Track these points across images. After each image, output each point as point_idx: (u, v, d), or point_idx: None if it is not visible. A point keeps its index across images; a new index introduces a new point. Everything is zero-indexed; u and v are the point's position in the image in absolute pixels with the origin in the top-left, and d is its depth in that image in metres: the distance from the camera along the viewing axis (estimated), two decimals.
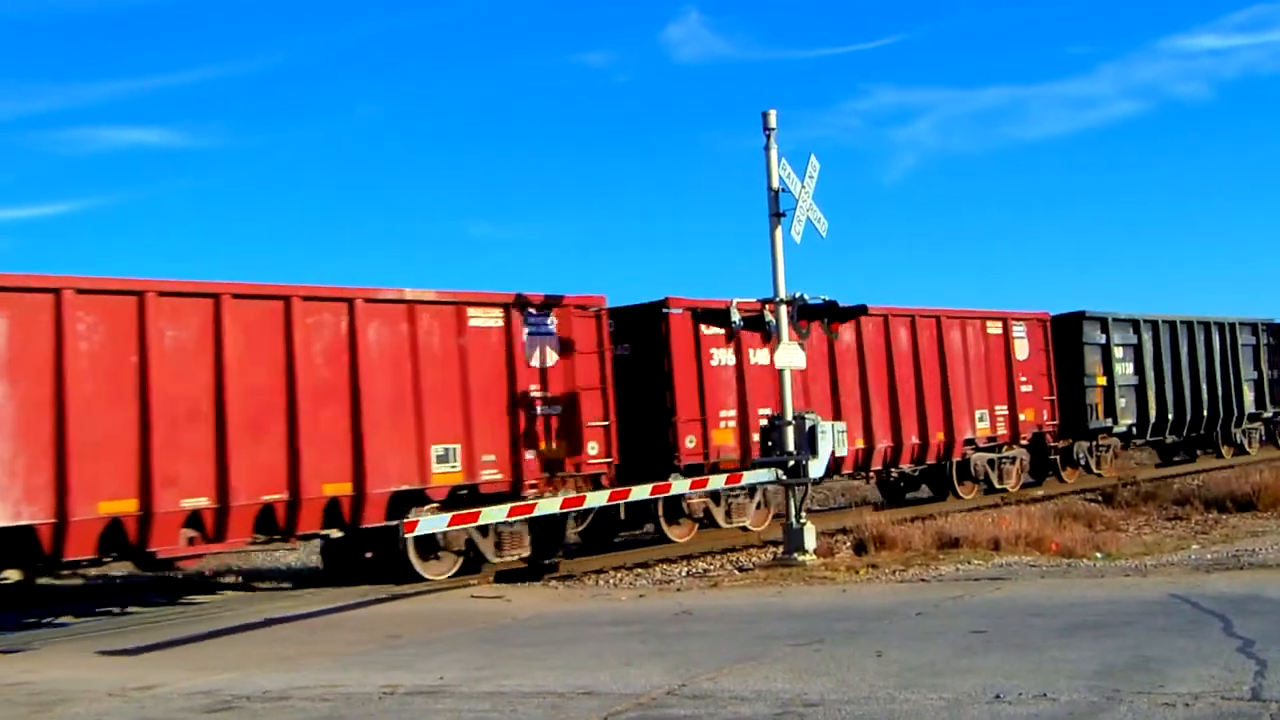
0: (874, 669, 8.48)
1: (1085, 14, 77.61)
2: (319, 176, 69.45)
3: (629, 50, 73.43)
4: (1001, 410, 25.31)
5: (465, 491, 16.30)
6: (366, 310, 15.51)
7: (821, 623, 11.03)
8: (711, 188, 73.96)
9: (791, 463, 16.37)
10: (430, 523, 14.57)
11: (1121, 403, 28.54)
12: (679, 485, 17.53)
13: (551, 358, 17.39)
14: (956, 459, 24.23)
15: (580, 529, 18.81)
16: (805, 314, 16.85)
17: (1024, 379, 25.91)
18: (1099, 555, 15.71)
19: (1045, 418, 26.56)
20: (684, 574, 16.54)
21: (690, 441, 19.21)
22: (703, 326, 19.29)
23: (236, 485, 14.07)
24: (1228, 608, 10.02)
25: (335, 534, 15.49)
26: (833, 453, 16.68)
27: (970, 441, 24.48)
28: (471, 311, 16.56)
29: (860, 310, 17.81)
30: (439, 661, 10.13)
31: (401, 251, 65.45)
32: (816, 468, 16.46)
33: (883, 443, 22.41)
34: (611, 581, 16.22)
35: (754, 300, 17.56)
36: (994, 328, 25.46)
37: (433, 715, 8.05)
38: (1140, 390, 29.32)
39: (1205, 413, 31.63)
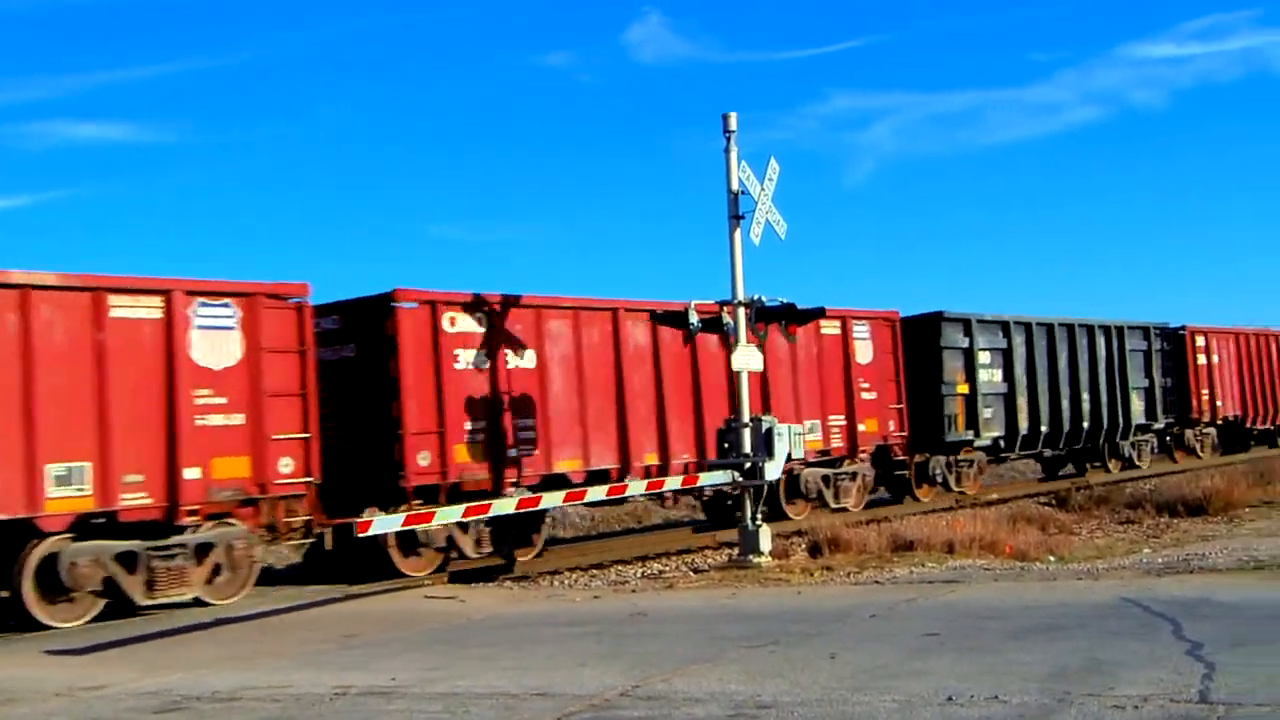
0: (828, 671, 8.50)
1: (1046, 20, 78.48)
2: (284, 175, 69.09)
3: (591, 51, 73.51)
4: (837, 420, 22.48)
5: (102, 519, 13.55)
6: None
7: (776, 624, 11.04)
8: (674, 189, 74.13)
9: (748, 465, 16.41)
10: (384, 522, 13.97)
11: (986, 413, 25.85)
12: (634, 486, 17.51)
13: (231, 357, 14.60)
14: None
15: (303, 553, 16.50)
16: (763, 316, 16.85)
17: (865, 385, 23.12)
18: (1052, 558, 15.84)
19: (891, 429, 23.73)
20: (639, 575, 16.55)
21: (424, 459, 16.38)
22: (445, 324, 16.82)
23: None
24: (1178, 611, 10.13)
25: None
26: (789, 454, 16.71)
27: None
28: (115, 300, 13.68)
29: (818, 313, 17.79)
30: (392, 662, 10.06)
31: (369, 251, 65.17)
32: (773, 469, 16.50)
33: (682, 457, 19.51)
34: (566, 582, 16.20)
35: (711, 302, 17.51)
36: (829, 328, 22.51)
37: (385, 716, 7.99)
38: (1009, 399, 26.59)
39: (1087, 424, 29.03)
